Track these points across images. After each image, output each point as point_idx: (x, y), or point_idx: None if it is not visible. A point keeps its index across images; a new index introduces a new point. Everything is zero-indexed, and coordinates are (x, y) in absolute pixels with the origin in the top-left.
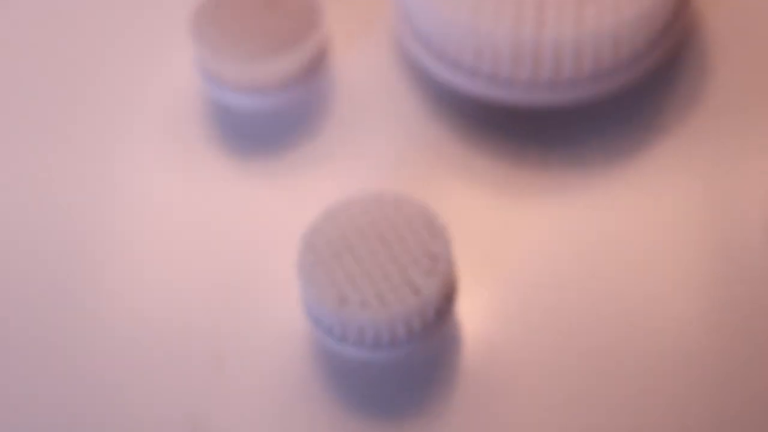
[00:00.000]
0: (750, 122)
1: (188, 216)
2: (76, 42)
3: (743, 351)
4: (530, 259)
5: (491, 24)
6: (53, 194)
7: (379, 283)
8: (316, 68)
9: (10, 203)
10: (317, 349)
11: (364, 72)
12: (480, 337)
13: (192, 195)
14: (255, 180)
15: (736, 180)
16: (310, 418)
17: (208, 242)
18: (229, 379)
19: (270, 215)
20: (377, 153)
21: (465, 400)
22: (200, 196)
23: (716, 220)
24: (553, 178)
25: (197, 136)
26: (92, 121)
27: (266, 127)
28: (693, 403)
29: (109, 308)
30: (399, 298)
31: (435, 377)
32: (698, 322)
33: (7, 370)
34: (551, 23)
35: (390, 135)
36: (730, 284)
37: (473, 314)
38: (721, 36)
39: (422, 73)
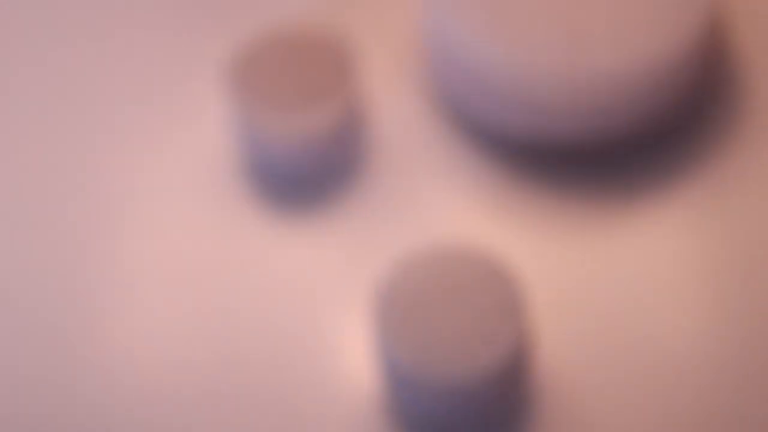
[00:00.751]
0: None
1: (239, 279)
2: (103, 96)
3: None
4: (604, 298)
5: (536, 61)
6: (88, 253)
7: (457, 337)
8: (354, 118)
9: (46, 259)
10: (393, 406)
11: (403, 118)
12: (560, 383)
13: (238, 256)
14: (304, 239)
15: None
16: None
17: (260, 303)
18: None
19: (327, 271)
20: (426, 202)
21: None
22: (245, 256)
23: None
24: (603, 216)
25: (233, 195)
26: (127, 177)
27: (306, 182)
28: None
29: (156, 370)
30: (477, 350)
31: (516, 428)
32: None
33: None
34: (598, 61)
35: (437, 182)
36: None
37: (552, 360)
38: (756, 77)
39: (464, 116)
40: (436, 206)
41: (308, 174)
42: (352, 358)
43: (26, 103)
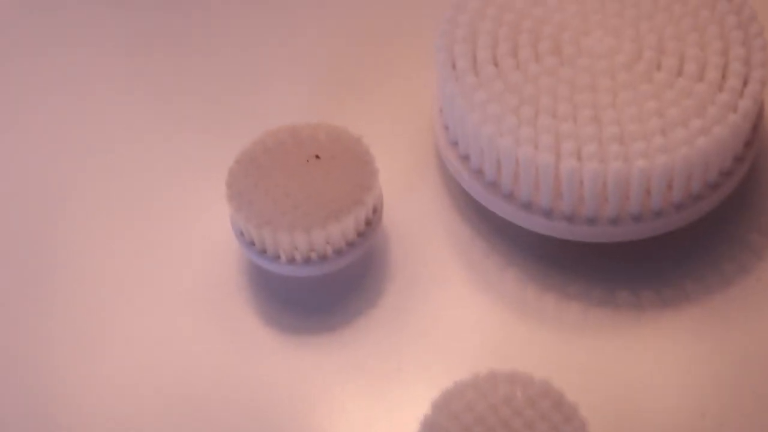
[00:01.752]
0: None
1: (240, 392)
2: (107, 199)
3: None
4: (650, 398)
5: (551, 158)
6: (88, 357)
7: None
8: (369, 229)
9: (55, 345)
10: None
11: (419, 220)
12: None
13: (239, 369)
14: (325, 357)
15: None
16: None
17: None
18: None
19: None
20: (452, 311)
21: None
22: (247, 370)
23: None
24: (628, 311)
25: (239, 305)
26: (133, 287)
27: (320, 295)
28: None
29: None
30: None
31: None
32: None
33: None
34: (622, 158)
35: (456, 284)
36: None
37: None
38: None
39: (486, 215)
40: (461, 314)
41: (322, 287)
42: None
43: (37, 202)
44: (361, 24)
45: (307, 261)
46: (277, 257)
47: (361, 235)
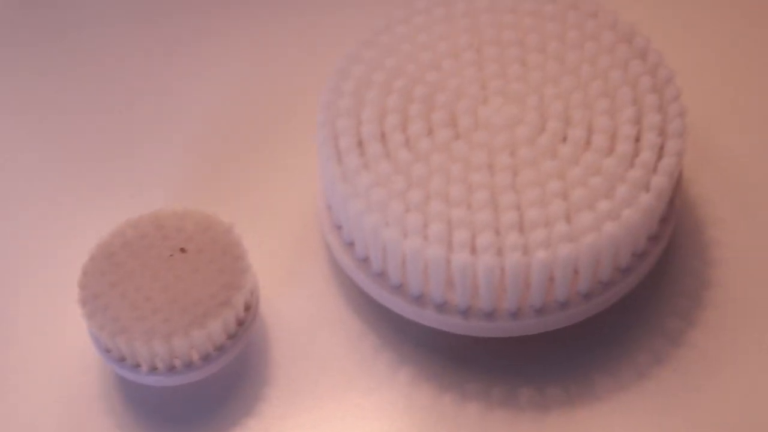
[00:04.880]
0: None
1: None
2: None
3: None
4: None
5: (442, 253)
6: None
7: None
8: (242, 330)
9: None
10: None
11: (304, 314)
12: None
13: None
14: None
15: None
16: None
17: None
18: None
19: None
20: (340, 418)
21: None
22: None
23: None
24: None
25: (99, 416)
26: None
27: (190, 404)
28: None
29: None
30: None
31: None
32: None
33: None
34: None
35: (345, 385)
36: None
37: None
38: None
39: (376, 308)
40: (346, 407)
41: (195, 395)
42: None
43: None
44: (237, 95)
45: (171, 369)
46: (137, 365)
47: (232, 337)
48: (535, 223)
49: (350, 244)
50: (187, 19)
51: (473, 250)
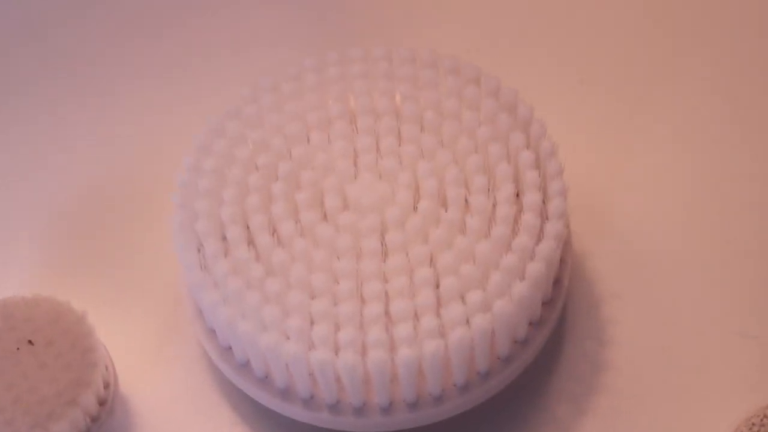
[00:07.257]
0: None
1: None
2: None
3: None
4: None
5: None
6: None
7: None
8: (96, 427)
9: None
10: None
11: (170, 404)
12: None
13: None
14: None
15: None
16: None
17: None
18: None
19: None
20: None
21: None
22: None
23: None
24: None
25: None
26: None
27: None
28: None
29: None
30: None
31: None
32: None
33: None
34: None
35: None
36: None
37: None
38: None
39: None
40: None
41: None
42: None
43: None
44: (93, 174)
45: None
46: None
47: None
48: (401, 316)
49: (213, 332)
50: (34, 98)
51: (335, 346)
